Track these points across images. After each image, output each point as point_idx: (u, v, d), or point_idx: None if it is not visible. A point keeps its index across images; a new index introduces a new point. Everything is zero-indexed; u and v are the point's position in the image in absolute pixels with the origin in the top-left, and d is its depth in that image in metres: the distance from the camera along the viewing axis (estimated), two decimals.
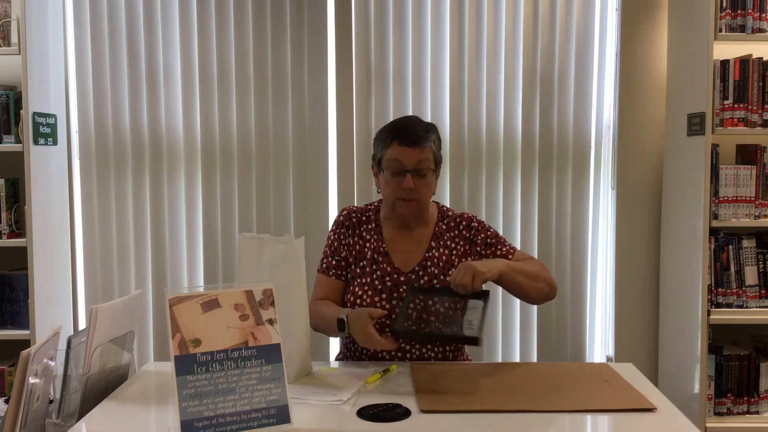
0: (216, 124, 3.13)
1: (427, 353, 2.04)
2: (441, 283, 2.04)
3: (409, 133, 2.00)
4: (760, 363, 2.86)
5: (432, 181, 2.04)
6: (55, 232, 2.98)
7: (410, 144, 1.98)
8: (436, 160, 2.04)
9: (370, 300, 2.02)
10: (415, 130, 2.01)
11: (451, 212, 2.17)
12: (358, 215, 2.16)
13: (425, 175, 2.00)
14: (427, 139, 2.01)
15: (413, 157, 1.98)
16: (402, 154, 1.98)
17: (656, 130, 3.16)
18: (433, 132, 2.07)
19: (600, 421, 1.57)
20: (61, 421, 1.58)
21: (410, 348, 2.02)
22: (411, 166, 1.98)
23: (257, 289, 1.47)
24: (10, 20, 2.83)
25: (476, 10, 3.09)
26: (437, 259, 2.06)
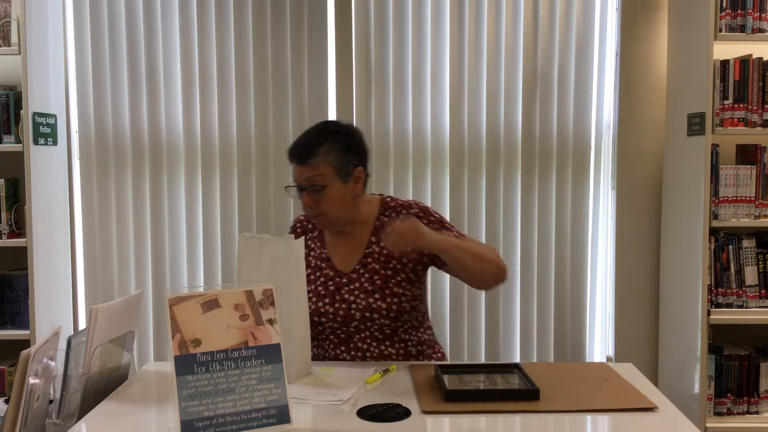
0: (216, 124, 3.13)
1: (386, 350, 2.02)
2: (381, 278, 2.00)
3: (298, 149, 1.96)
4: (760, 363, 2.86)
5: (334, 195, 1.95)
6: (55, 232, 2.98)
7: (298, 162, 1.96)
8: (339, 170, 1.95)
9: (314, 306, 2.01)
10: (304, 145, 1.96)
11: (395, 203, 2.10)
12: (304, 224, 2.17)
13: (321, 191, 1.94)
14: (316, 154, 1.93)
15: (302, 174, 1.95)
16: (296, 171, 1.97)
17: (656, 130, 3.16)
18: (335, 139, 1.97)
19: (600, 421, 1.57)
20: (61, 421, 1.58)
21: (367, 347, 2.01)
22: (303, 184, 1.96)
23: (257, 289, 1.47)
24: (10, 20, 2.83)
25: (476, 11, 3.09)
26: (378, 255, 2.04)
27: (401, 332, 2.05)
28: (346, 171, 1.98)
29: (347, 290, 2.02)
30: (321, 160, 1.94)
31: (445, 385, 1.63)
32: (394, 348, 2.04)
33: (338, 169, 1.96)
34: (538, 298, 3.20)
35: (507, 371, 1.77)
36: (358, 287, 2.01)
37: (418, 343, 2.08)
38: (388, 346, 2.03)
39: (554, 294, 3.19)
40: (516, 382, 1.70)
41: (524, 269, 3.18)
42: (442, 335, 3.18)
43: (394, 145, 3.13)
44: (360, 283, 2.02)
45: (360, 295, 2.00)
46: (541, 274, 3.19)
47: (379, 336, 2.02)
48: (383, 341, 2.03)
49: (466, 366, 1.85)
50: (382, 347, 2.03)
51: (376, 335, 2.02)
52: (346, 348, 2.03)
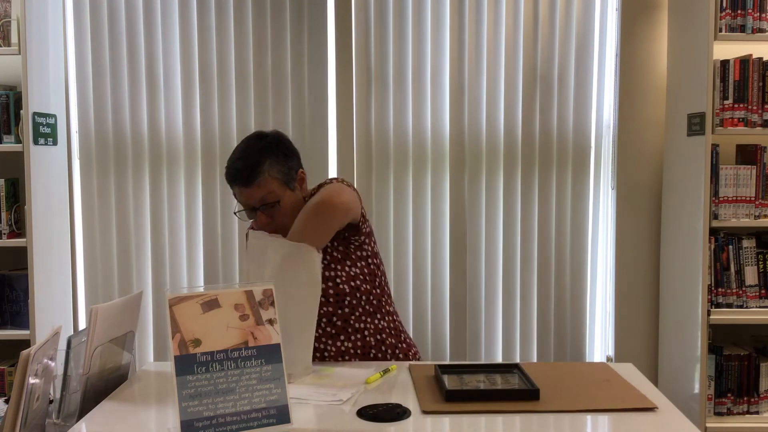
0: (216, 124, 3.13)
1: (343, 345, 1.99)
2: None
3: (238, 173, 1.91)
4: (760, 363, 2.86)
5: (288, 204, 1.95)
6: (55, 232, 2.98)
7: (243, 184, 1.91)
8: (285, 181, 1.94)
9: None
10: (244, 168, 1.91)
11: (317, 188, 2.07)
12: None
13: (274, 206, 1.93)
14: (259, 174, 1.90)
15: (252, 195, 1.92)
16: (242, 195, 1.94)
17: (656, 130, 3.16)
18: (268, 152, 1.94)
19: (600, 422, 1.57)
20: (61, 421, 1.58)
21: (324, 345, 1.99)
22: (255, 204, 1.93)
23: (257, 289, 1.47)
24: (10, 20, 2.83)
25: (476, 11, 3.09)
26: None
27: (354, 321, 2.00)
28: (292, 178, 1.97)
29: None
30: (266, 177, 1.91)
31: (445, 385, 1.63)
32: (350, 341, 2.00)
33: (284, 181, 1.95)
34: (538, 298, 3.20)
35: (507, 371, 1.77)
36: None
37: (376, 331, 2.03)
38: (344, 341, 1.99)
39: (554, 294, 3.19)
40: (516, 382, 1.70)
41: (524, 269, 3.18)
42: (442, 335, 3.18)
43: (394, 145, 3.14)
44: None
45: None
46: (541, 274, 3.19)
47: (332, 331, 1.99)
48: (338, 336, 1.99)
49: (466, 366, 1.85)
50: (338, 343, 1.99)
51: (328, 330, 1.99)
52: None
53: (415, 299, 3.17)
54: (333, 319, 1.99)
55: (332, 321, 1.99)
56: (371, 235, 2.09)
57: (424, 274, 3.17)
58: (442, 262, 3.17)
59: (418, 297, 3.18)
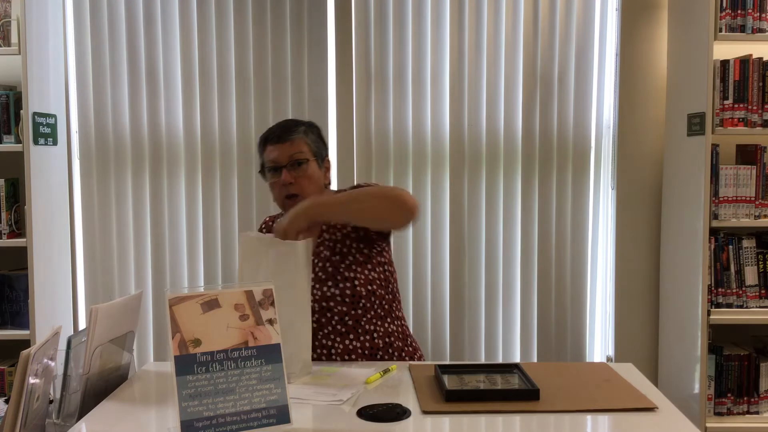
0: (216, 124, 3.13)
1: (351, 344, 2.01)
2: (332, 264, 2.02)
3: (276, 130, 2.06)
4: (760, 363, 2.86)
5: (313, 172, 2.04)
6: (55, 232, 2.98)
7: (277, 141, 2.03)
8: (315, 152, 2.06)
9: None
10: (281, 127, 2.08)
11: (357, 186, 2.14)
12: (269, 223, 2.23)
13: (301, 166, 2.01)
14: (295, 132, 2.04)
15: (284, 151, 2.02)
16: (274, 151, 2.03)
17: (656, 130, 3.16)
18: (306, 126, 2.09)
19: (600, 422, 1.57)
20: (61, 421, 1.58)
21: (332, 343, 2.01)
22: (284, 161, 2.01)
23: (257, 289, 1.47)
24: (10, 20, 2.83)
25: (476, 11, 3.09)
26: (328, 241, 2.07)
27: (365, 323, 2.02)
28: (321, 155, 2.09)
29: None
30: (301, 138, 2.04)
31: (445, 385, 1.63)
32: (359, 341, 2.02)
33: (315, 151, 2.06)
34: (539, 298, 3.20)
35: (507, 371, 1.77)
36: (314, 278, 2.02)
37: (385, 334, 2.06)
38: (353, 340, 2.01)
39: (554, 294, 3.20)
40: (516, 382, 1.70)
41: (524, 269, 3.18)
42: (442, 335, 3.18)
43: (394, 145, 3.14)
44: (315, 273, 2.04)
45: (315, 285, 2.02)
46: (541, 274, 3.19)
47: (341, 329, 2.01)
48: (347, 335, 2.01)
49: (466, 366, 1.85)
50: (347, 341, 2.01)
51: (339, 329, 2.01)
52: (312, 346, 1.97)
53: (415, 299, 3.17)
54: (345, 319, 2.02)
55: (344, 320, 2.01)
56: (390, 243, 2.16)
57: (424, 274, 3.17)
58: (442, 262, 3.17)
59: (418, 297, 3.18)
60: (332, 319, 2.01)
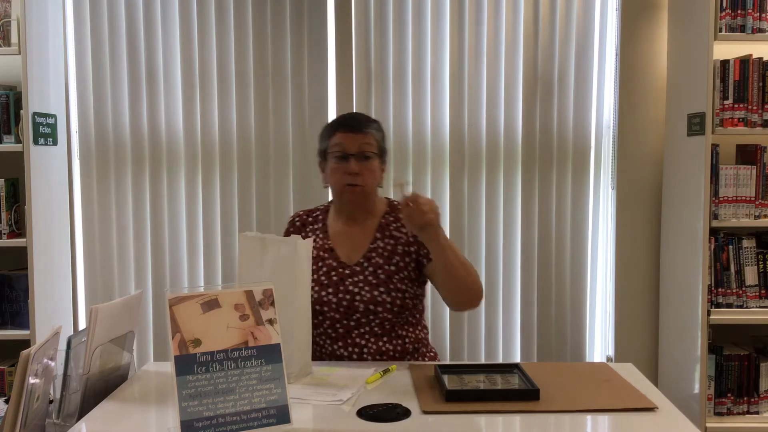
0: (216, 124, 3.13)
1: (384, 346, 2.03)
2: (385, 273, 2.04)
3: (351, 120, 2.13)
4: (760, 363, 2.86)
5: (376, 167, 2.10)
6: (55, 232, 2.98)
7: (352, 130, 2.07)
8: (381, 149, 2.12)
9: (317, 295, 2.04)
10: (356, 118, 2.16)
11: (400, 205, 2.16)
12: (303, 217, 2.23)
13: (368, 159, 2.06)
14: (369, 126, 2.10)
15: (355, 141, 2.06)
16: (345, 139, 2.06)
17: (656, 130, 3.16)
18: (376, 123, 2.15)
19: (600, 422, 1.57)
20: (61, 421, 1.58)
21: (365, 342, 2.03)
22: (354, 150, 2.05)
23: (257, 289, 1.47)
24: (10, 20, 2.83)
25: (476, 11, 3.09)
26: (382, 250, 2.09)
27: (398, 328, 2.07)
28: (383, 157, 2.15)
29: (351, 282, 2.04)
30: (374, 133, 2.10)
31: (445, 385, 1.63)
32: (392, 344, 2.05)
33: (380, 149, 2.12)
34: (539, 298, 3.20)
35: (507, 371, 1.78)
36: (362, 280, 2.04)
37: (415, 340, 2.11)
38: (386, 342, 2.04)
39: (554, 294, 3.19)
40: (516, 382, 1.70)
41: (524, 269, 3.18)
42: (442, 335, 3.18)
43: (394, 145, 3.13)
44: (364, 275, 2.05)
45: (365, 287, 2.03)
46: (541, 274, 3.19)
47: (378, 332, 2.04)
48: (382, 337, 2.04)
49: (466, 366, 1.86)
50: (380, 343, 2.04)
51: (375, 330, 2.04)
52: (344, 344, 2.03)
53: None
54: (384, 324, 2.05)
55: (383, 325, 2.04)
56: None
57: None
58: None
59: None
60: (373, 321, 2.04)
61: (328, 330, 2.05)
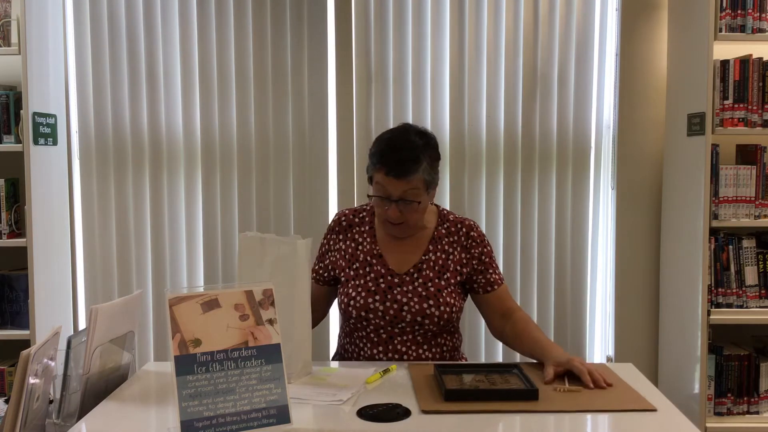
0: (216, 124, 3.13)
1: (424, 353, 2.04)
2: (435, 286, 2.03)
3: (398, 164, 1.91)
4: (760, 363, 2.86)
5: (424, 207, 2.00)
6: (55, 232, 2.98)
7: (396, 176, 1.91)
8: (428, 183, 1.97)
9: (363, 301, 2.01)
10: (404, 160, 1.91)
11: (452, 216, 2.15)
12: (350, 217, 2.15)
13: (411, 203, 1.95)
14: (416, 170, 1.92)
15: (399, 187, 1.93)
16: (388, 183, 1.93)
17: (656, 130, 3.16)
18: (426, 153, 1.96)
19: (600, 421, 1.57)
20: (61, 421, 1.58)
21: (406, 350, 2.03)
22: (396, 196, 1.94)
23: (257, 289, 1.47)
24: (10, 20, 2.83)
25: (476, 10, 3.09)
26: (433, 263, 2.06)
27: (439, 337, 2.07)
28: (434, 183, 2.01)
29: (400, 291, 2.02)
30: (419, 176, 1.93)
31: (444, 385, 1.63)
32: (431, 352, 2.05)
33: (427, 183, 1.97)
34: (538, 298, 3.20)
35: (506, 371, 1.78)
36: (412, 290, 2.02)
37: (452, 348, 2.12)
38: (426, 350, 2.04)
39: (554, 294, 3.19)
40: (515, 382, 1.70)
41: (524, 269, 3.18)
42: None
43: None
44: (413, 286, 2.03)
45: (414, 298, 2.01)
46: (541, 274, 3.19)
47: (420, 340, 2.04)
48: (422, 345, 2.04)
49: (466, 366, 1.86)
50: (420, 351, 2.04)
51: (418, 339, 2.03)
52: (384, 349, 2.03)
53: None
54: (427, 334, 2.04)
55: (426, 335, 2.04)
56: None
57: None
58: None
59: None
60: (418, 331, 2.03)
61: (371, 335, 2.04)
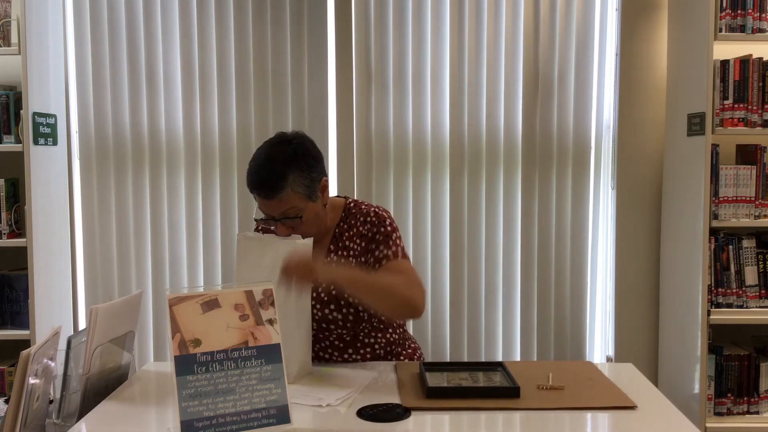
0: (216, 124, 3.13)
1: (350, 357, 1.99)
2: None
3: (263, 186, 1.84)
4: (760, 363, 2.86)
5: (309, 217, 1.89)
6: (55, 232, 2.98)
7: (266, 197, 1.85)
8: (308, 194, 1.87)
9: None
10: (267, 180, 1.83)
11: (356, 208, 2.03)
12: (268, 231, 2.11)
13: (294, 218, 1.87)
14: (282, 187, 1.82)
15: (275, 207, 1.86)
16: (263, 205, 1.88)
17: (656, 130, 3.16)
18: (293, 164, 1.85)
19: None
20: (61, 421, 1.58)
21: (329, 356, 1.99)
22: (276, 215, 1.87)
23: (257, 289, 1.47)
24: (10, 20, 2.83)
25: (476, 11, 3.09)
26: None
27: (363, 337, 2.01)
28: (314, 190, 1.90)
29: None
30: (289, 192, 1.84)
31: (427, 382, 1.64)
32: (359, 354, 2.01)
33: (307, 195, 1.88)
34: (538, 298, 3.20)
35: (490, 369, 1.80)
36: (315, 297, 1.96)
37: (386, 344, 2.05)
38: (352, 353, 2.01)
39: (554, 294, 3.19)
40: (498, 379, 1.72)
41: (524, 269, 3.18)
42: (441, 335, 3.18)
43: (394, 145, 3.13)
44: (317, 293, 1.97)
45: (316, 305, 1.97)
46: (541, 274, 3.19)
47: (339, 345, 2.00)
48: (345, 349, 2.00)
49: (451, 364, 1.90)
50: (346, 355, 2.00)
51: (336, 344, 2.00)
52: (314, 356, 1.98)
53: None
54: (342, 334, 2.00)
55: (341, 336, 2.00)
56: None
57: (424, 274, 3.17)
58: (442, 262, 3.17)
59: None
60: (330, 336, 2.00)
61: None
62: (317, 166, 1.93)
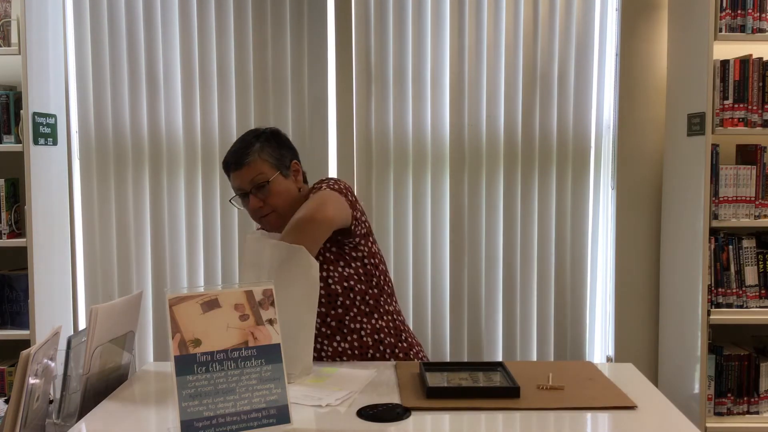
0: (216, 124, 3.13)
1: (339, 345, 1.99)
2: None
3: (230, 156, 1.98)
4: (760, 363, 2.86)
5: (279, 188, 1.97)
6: (55, 232, 2.98)
7: (235, 168, 1.97)
8: (277, 165, 1.97)
9: None
10: (234, 152, 1.98)
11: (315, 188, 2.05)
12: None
13: (264, 187, 1.95)
14: (249, 154, 1.95)
15: (243, 177, 1.96)
16: (235, 180, 1.98)
17: (656, 130, 3.16)
18: (262, 140, 1.99)
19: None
20: (61, 421, 1.58)
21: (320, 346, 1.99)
22: (247, 187, 1.96)
23: (257, 289, 1.47)
24: (10, 20, 2.83)
25: (476, 10, 3.09)
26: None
27: (348, 321, 1.99)
28: (284, 164, 2.00)
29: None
30: (257, 158, 1.96)
31: (427, 382, 1.65)
32: (347, 342, 1.99)
33: (276, 164, 1.98)
34: (538, 298, 3.20)
35: (490, 369, 1.80)
36: None
37: (373, 331, 2.02)
38: (340, 341, 1.99)
39: (554, 294, 3.20)
40: (498, 379, 1.72)
41: (524, 269, 3.18)
42: (442, 335, 3.18)
43: (394, 145, 3.14)
44: None
45: None
46: (541, 274, 3.19)
47: (327, 332, 1.99)
48: (333, 337, 1.99)
49: (451, 364, 1.89)
50: (335, 343, 1.99)
51: (323, 331, 1.99)
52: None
53: (415, 299, 3.17)
54: (327, 320, 1.99)
55: (326, 322, 1.99)
56: (368, 235, 2.07)
57: (424, 274, 3.17)
58: (442, 261, 3.17)
59: (418, 297, 3.18)
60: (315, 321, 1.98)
61: None
62: (288, 149, 2.04)
